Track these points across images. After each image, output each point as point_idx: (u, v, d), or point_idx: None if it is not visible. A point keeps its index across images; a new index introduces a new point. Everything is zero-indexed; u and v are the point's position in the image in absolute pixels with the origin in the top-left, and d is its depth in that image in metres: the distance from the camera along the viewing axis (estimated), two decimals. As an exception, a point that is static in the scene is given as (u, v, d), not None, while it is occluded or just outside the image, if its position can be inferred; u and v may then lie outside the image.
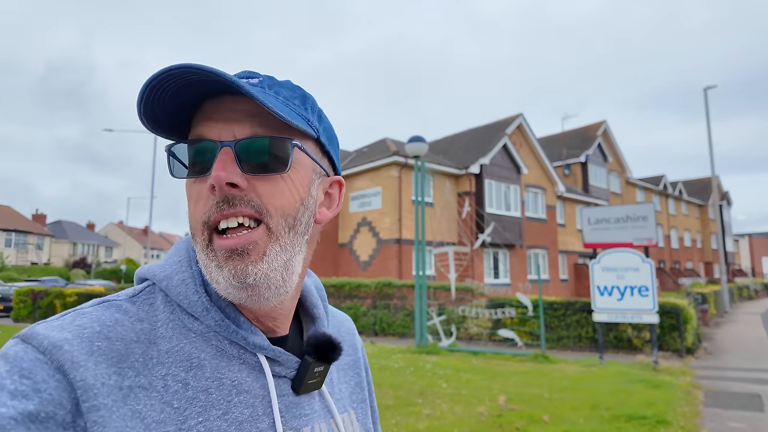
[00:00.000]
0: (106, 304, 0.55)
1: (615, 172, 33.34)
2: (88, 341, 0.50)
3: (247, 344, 0.57)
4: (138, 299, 0.57)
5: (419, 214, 10.94)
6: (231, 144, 0.54)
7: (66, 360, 0.47)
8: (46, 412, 0.45)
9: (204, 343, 0.56)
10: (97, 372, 0.48)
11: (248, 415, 0.55)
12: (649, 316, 8.67)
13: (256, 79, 0.58)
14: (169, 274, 0.59)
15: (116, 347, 0.51)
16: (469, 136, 23.27)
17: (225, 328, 0.56)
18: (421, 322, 10.60)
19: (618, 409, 5.75)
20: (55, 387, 0.46)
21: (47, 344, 0.48)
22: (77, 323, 0.51)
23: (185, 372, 0.53)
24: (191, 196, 0.57)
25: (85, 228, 58.54)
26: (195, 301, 0.56)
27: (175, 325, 0.56)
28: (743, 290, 29.78)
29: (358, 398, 0.73)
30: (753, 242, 58.65)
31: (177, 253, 0.62)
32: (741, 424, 5.45)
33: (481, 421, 5.28)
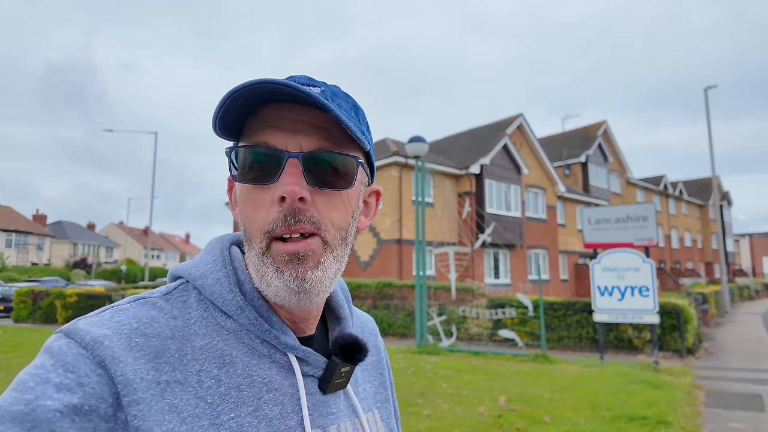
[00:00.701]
0: (141, 302, 0.57)
1: (615, 172, 33.33)
2: (127, 337, 0.51)
3: (278, 343, 0.58)
4: (172, 297, 0.59)
5: (419, 215, 10.94)
6: (299, 156, 0.56)
7: (107, 355, 0.49)
8: (89, 405, 0.46)
9: (236, 341, 0.57)
10: (135, 367, 0.50)
11: (278, 412, 0.56)
12: (650, 317, 8.66)
13: (318, 87, 0.59)
14: (203, 272, 0.60)
15: (153, 343, 0.52)
16: (469, 136, 23.27)
17: (258, 327, 0.58)
18: (421, 323, 10.59)
19: (619, 409, 5.74)
20: (97, 381, 0.47)
21: (89, 340, 0.50)
22: (116, 320, 0.53)
23: (218, 368, 0.55)
24: (248, 201, 0.58)
25: (86, 228, 58.58)
26: (230, 299, 0.58)
27: (208, 322, 0.57)
28: (744, 290, 29.76)
29: (382, 398, 0.75)
30: (753, 242, 58.61)
31: (211, 252, 0.63)
32: (742, 425, 5.44)
33: (482, 421, 5.27)
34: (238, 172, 0.58)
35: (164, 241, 71.27)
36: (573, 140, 31.32)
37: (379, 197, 0.70)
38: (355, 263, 19.09)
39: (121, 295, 16.31)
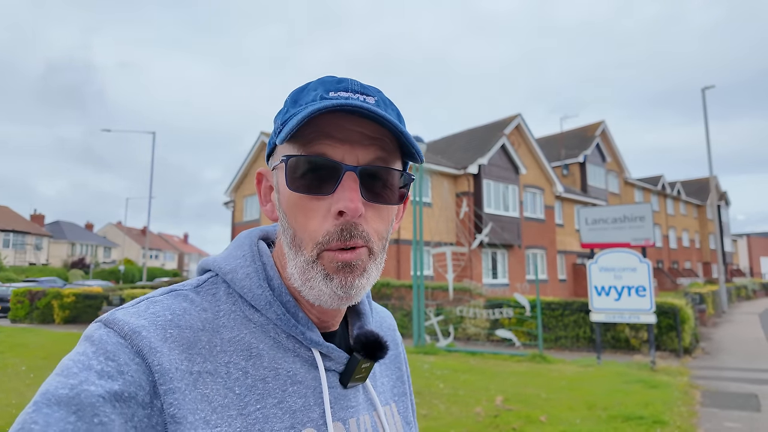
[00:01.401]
0: (174, 294, 0.59)
1: (613, 173, 33.38)
2: (162, 329, 0.53)
3: (304, 339, 0.60)
4: (202, 289, 0.61)
5: (417, 215, 10.94)
6: (356, 170, 0.57)
7: (145, 345, 0.51)
8: (129, 392, 0.48)
9: (263, 335, 0.59)
10: (171, 357, 0.52)
11: (301, 404, 0.58)
12: (647, 316, 8.68)
13: (372, 97, 0.59)
14: (234, 267, 0.62)
15: (186, 335, 0.55)
16: (467, 136, 23.28)
17: (285, 322, 0.60)
18: (418, 323, 10.59)
19: (615, 409, 5.75)
20: (135, 370, 0.50)
21: (128, 330, 0.52)
22: (151, 311, 0.55)
23: (245, 361, 0.57)
24: (300, 209, 0.58)
25: (84, 228, 58.47)
26: (259, 294, 0.60)
27: (236, 315, 0.59)
28: (741, 290, 29.82)
29: (399, 392, 0.76)
30: (751, 242, 58.72)
31: (240, 247, 0.65)
32: (738, 424, 5.45)
33: (478, 421, 5.27)
34: (291, 179, 0.58)
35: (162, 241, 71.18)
36: (571, 140, 31.35)
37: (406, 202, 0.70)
38: (353, 263, 19.07)
39: (119, 296, 16.26)
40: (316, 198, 0.57)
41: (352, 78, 0.61)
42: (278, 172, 0.61)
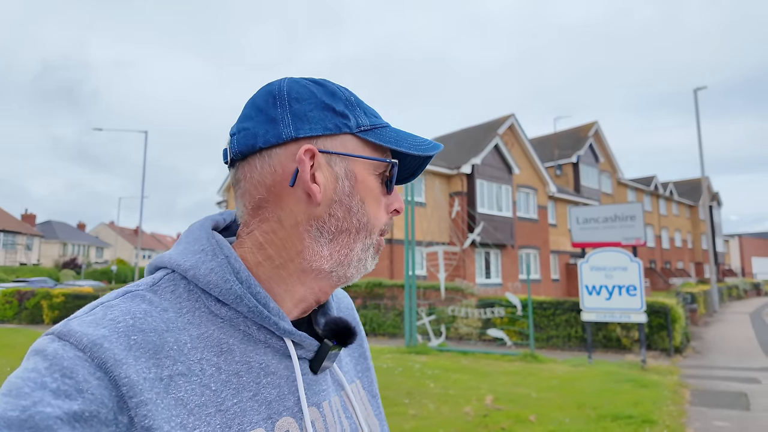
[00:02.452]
0: (130, 296, 0.56)
1: (606, 173, 33.52)
2: (125, 336, 0.50)
3: (277, 329, 0.60)
4: (159, 288, 0.58)
5: (410, 215, 10.91)
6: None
7: (108, 358, 0.48)
8: (90, 411, 0.45)
9: (232, 329, 0.58)
10: (138, 367, 0.49)
11: (276, 394, 0.59)
12: (637, 316, 8.69)
13: None
14: (194, 263, 0.60)
15: (151, 338, 0.52)
16: (461, 136, 23.29)
17: (258, 314, 0.58)
18: (410, 322, 10.56)
19: (604, 408, 5.74)
20: (97, 386, 0.46)
21: (87, 342, 0.48)
22: (109, 318, 0.52)
23: (216, 357, 0.55)
24: (376, 200, 0.65)
25: (76, 228, 58.08)
26: (227, 289, 0.58)
27: (201, 312, 0.58)
28: (733, 290, 30.01)
29: (362, 367, 0.79)
30: (743, 242, 59.15)
31: (197, 242, 0.63)
32: (726, 423, 5.45)
33: (467, 421, 5.25)
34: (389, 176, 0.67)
35: (155, 241, 70.82)
36: (564, 141, 31.46)
37: None
38: (346, 263, 19.04)
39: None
40: (386, 195, 0.67)
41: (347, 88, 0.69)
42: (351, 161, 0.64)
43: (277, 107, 0.62)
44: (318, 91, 0.64)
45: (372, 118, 0.66)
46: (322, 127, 0.62)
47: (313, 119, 0.62)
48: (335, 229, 0.62)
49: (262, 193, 0.62)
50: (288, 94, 0.63)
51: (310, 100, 0.63)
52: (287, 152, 0.61)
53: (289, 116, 0.62)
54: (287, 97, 0.63)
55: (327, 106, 0.63)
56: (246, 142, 0.62)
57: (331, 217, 0.62)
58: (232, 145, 0.64)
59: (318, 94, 0.63)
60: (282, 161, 0.62)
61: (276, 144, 0.61)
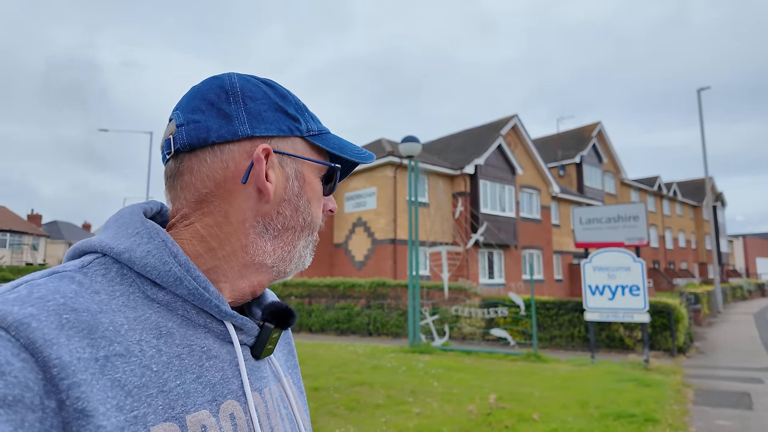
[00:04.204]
0: (58, 276, 0.52)
1: (610, 173, 33.46)
2: (56, 315, 0.47)
3: (218, 312, 0.59)
4: (89, 270, 0.55)
5: (413, 215, 10.96)
6: None
7: (38, 338, 0.44)
8: (13, 396, 0.42)
9: (169, 313, 0.57)
10: (71, 347, 0.46)
11: (219, 377, 0.58)
12: (640, 316, 8.71)
13: None
14: (129, 246, 0.57)
15: (84, 318, 0.49)
16: (464, 136, 23.32)
17: (198, 297, 0.57)
18: (414, 322, 10.61)
19: (607, 407, 5.78)
20: (21, 368, 0.43)
21: (11, 320, 0.45)
22: (36, 296, 0.48)
23: (156, 339, 0.54)
24: (319, 200, 0.71)
25: (81, 228, 58.33)
26: (166, 271, 0.56)
27: (135, 296, 0.55)
28: (737, 290, 29.91)
29: (291, 364, 0.81)
30: (747, 243, 58.89)
31: (130, 225, 0.60)
32: (729, 422, 5.49)
33: (471, 419, 5.30)
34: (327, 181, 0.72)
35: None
36: (567, 141, 31.42)
37: None
38: (349, 263, 19.09)
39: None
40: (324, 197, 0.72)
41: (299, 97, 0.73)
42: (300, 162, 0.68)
43: (230, 103, 0.63)
44: (269, 92, 0.66)
45: (318, 123, 0.71)
46: (276, 128, 0.64)
47: (268, 120, 0.64)
48: (281, 226, 0.65)
49: (209, 187, 0.61)
50: (241, 91, 0.64)
51: (264, 101, 0.65)
52: (241, 149, 0.62)
53: (244, 114, 0.63)
54: (241, 95, 0.63)
55: (280, 108, 0.65)
56: (197, 135, 0.61)
57: (279, 215, 0.64)
58: (180, 136, 0.62)
59: (270, 95, 0.66)
60: (235, 158, 0.62)
61: (230, 140, 0.62)
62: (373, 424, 5.14)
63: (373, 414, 5.49)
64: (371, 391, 6.52)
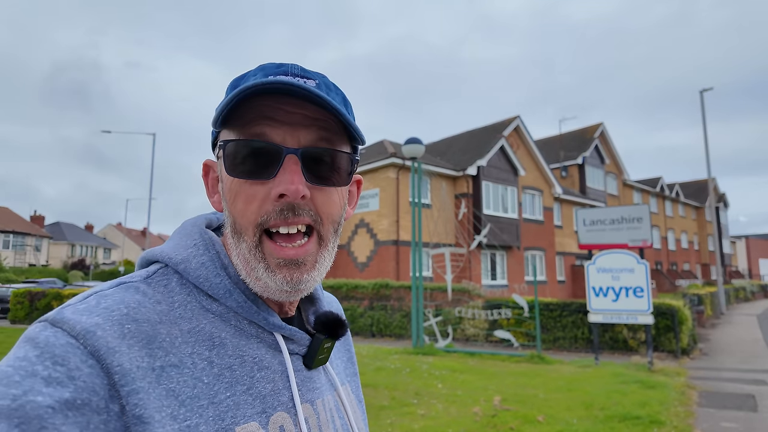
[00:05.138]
0: (124, 286, 0.55)
1: (612, 174, 33.42)
2: (119, 324, 0.50)
3: (266, 324, 0.60)
4: (152, 281, 0.58)
5: (416, 216, 10.97)
6: (297, 152, 0.57)
7: (101, 346, 0.47)
8: (81, 399, 0.45)
9: (223, 324, 0.58)
10: (131, 356, 0.49)
11: (270, 389, 0.58)
12: (644, 317, 8.71)
13: (313, 80, 0.59)
14: (185, 257, 0.59)
15: (144, 329, 0.51)
16: (466, 138, 23.32)
17: (247, 309, 0.58)
18: (417, 323, 10.62)
19: (612, 409, 5.78)
20: (89, 373, 0.46)
21: (80, 329, 0.48)
22: (103, 306, 0.51)
23: (208, 350, 0.55)
24: (240, 194, 0.57)
25: (84, 229, 58.44)
26: (217, 283, 0.58)
27: (193, 306, 0.57)
28: (740, 292, 29.85)
29: (351, 372, 0.79)
30: (750, 244, 58.74)
31: (189, 236, 0.63)
32: (734, 424, 5.48)
33: (476, 421, 5.30)
34: (230, 165, 0.57)
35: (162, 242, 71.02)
36: (570, 142, 31.40)
37: (360, 186, 0.71)
38: (352, 264, 19.10)
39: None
40: (258, 183, 0.57)
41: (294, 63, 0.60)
42: (220, 160, 0.60)
43: None
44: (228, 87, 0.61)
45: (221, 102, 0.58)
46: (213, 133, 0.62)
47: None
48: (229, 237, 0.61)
49: None
50: None
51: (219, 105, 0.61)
52: None
53: None
54: None
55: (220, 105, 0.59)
56: None
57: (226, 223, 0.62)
58: None
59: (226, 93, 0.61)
60: None
61: None
62: (378, 425, 5.15)
63: (378, 415, 5.50)
64: (375, 392, 6.53)
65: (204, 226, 0.65)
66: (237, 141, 0.57)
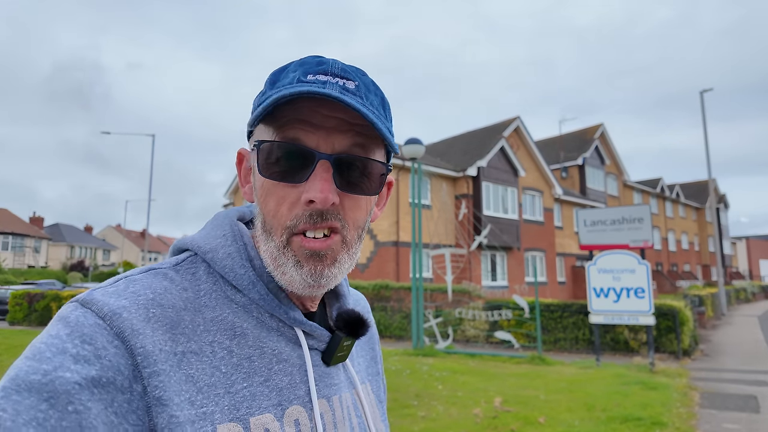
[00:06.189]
0: (153, 272, 0.57)
1: (612, 175, 33.41)
2: (144, 308, 0.52)
3: (287, 318, 0.60)
4: (181, 268, 0.60)
5: (416, 217, 10.94)
6: (330, 158, 0.56)
7: (126, 327, 0.49)
8: (107, 378, 0.46)
9: (245, 314, 0.59)
10: (154, 339, 0.50)
11: (287, 382, 0.59)
12: (645, 318, 8.67)
13: (353, 81, 0.58)
14: (214, 246, 0.61)
15: (168, 314, 0.53)
16: (466, 138, 23.31)
17: (269, 302, 0.59)
18: (417, 325, 10.58)
19: (614, 410, 5.74)
20: (114, 353, 0.48)
21: (107, 311, 0.50)
22: (131, 290, 0.53)
23: (229, 340, 0.56)
24: (272, 195, 0.58)
25: (83, 231, 58.42)
26: (242, 274, 0.59)
27: (218, 295, 0.58)
28: (741, 293, 29.84)
29: (373, 371, 0.79)
30: (751, 245, 58.74)
31: (220, 227, 0.64)
32: (736, 426, 5.44)
33: (477, 422, 5.27)
34: (263, 165, 0.58)
35: (162, 244, 71.11)
36: (570, 143, 31.40)
37: (390, 187, 0.70)
38: (352, 265, 19.05)
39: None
40: (289, 186, 0.57)
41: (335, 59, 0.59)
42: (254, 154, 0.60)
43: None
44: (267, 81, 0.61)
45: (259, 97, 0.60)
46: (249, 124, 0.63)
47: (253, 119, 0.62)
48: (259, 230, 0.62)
49: None
50: None
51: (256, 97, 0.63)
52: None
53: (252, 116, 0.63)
54: None
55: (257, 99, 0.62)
56: None
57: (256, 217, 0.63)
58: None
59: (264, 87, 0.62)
60: None
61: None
62: (378, 427, 5.11)
63: (378, 417, 5.46)
64: (376, 394, 6.49)
65: (235, 218, 0.66)
66: (271, 143, 0.57)
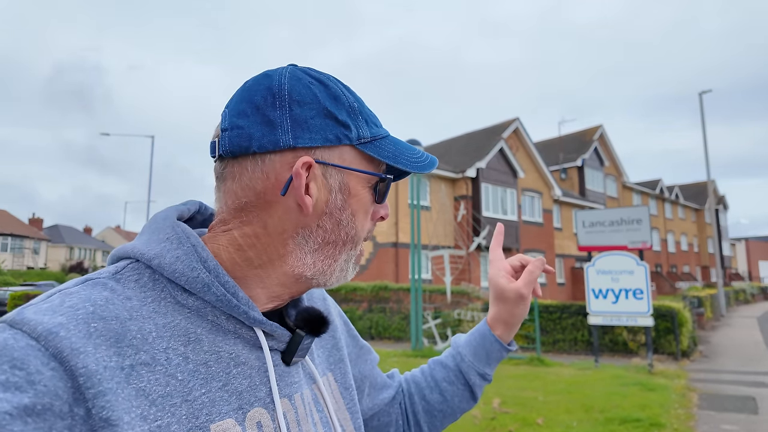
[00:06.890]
0: (90, 283, 0.53)
1: (611, 176, 33.44)
2: (84, 323, 0.48)
3: (246, 318, 0.58)
4: (122, 276, 0.56)
5: (415, 218, 10.94)
6: None
7: (65, 347, 0.45)
8: (42, 404, 0.43)
9: (199, 319, 0.56)
10: (97, 356, 0.47)
11: (247, 385, 0.57)
12: (644, 319, 8.67)
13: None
14: (159, 252, 0.57)
15: (112, 327, 0.49)
16: (465, 140, 23.33)
17: (226, 303, 0.57)
18: (416, 326, 10.58)
19: (612, 411, 5.74)
20: (50, 377, 0.44)
21: (41, 330, 0.46)
22: (68, 305, 0.49)
23: (184, 346, 0.53)
24: (367, 212, 0.66)
25: (82, 232, 58.39)
26: (194, 277, 0.56)
27: (166, 302, 0.55)
28: (740, 294, 29.85)
29: (335, 359, 0.77)
30: (750, 246, 58.78)
31: (161, 231, 0.60)
32: (735, 427, 5.44)
33: (475, 424, 5.26)
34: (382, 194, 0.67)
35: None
36: (569, 144, 31.43)
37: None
38: (351, 267, 19.08)
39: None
40: (377, 205, 0.67)
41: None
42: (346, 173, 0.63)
43: (276, 108, 0.59)
44: (321, 93, 0.61)
45: (373, 128, 0.65)
46: (322, 137, 0.60)
47: (314, 128, 0.59)
48: (321, 240, 0.61)
49: (249, 197, 0.59)
50: (289, 94, 0.59)
51: (312, 105, 0.60)
52: (283, 160, 0.58)
53: (288, 122, 0.58)
54: (288, 98, 0.59)
55: (329, 114, 0.60)
56: (239, 143, 0.59)
57: (318, 228, 0.61)
58: (223, 142, 0.60)
59: (320, 98, 0.60)
60: (276, 168, 0.59)
61: (272, 150, 0.58)
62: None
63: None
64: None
65: (175, 219, 0.62)
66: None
